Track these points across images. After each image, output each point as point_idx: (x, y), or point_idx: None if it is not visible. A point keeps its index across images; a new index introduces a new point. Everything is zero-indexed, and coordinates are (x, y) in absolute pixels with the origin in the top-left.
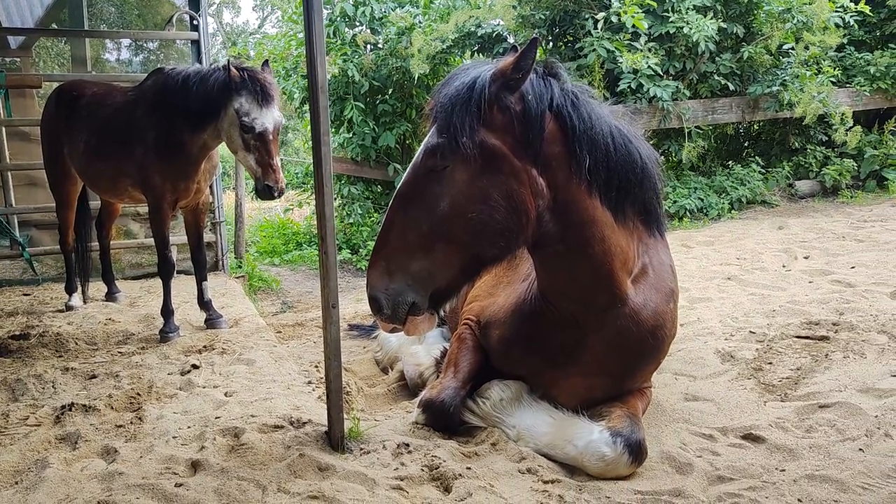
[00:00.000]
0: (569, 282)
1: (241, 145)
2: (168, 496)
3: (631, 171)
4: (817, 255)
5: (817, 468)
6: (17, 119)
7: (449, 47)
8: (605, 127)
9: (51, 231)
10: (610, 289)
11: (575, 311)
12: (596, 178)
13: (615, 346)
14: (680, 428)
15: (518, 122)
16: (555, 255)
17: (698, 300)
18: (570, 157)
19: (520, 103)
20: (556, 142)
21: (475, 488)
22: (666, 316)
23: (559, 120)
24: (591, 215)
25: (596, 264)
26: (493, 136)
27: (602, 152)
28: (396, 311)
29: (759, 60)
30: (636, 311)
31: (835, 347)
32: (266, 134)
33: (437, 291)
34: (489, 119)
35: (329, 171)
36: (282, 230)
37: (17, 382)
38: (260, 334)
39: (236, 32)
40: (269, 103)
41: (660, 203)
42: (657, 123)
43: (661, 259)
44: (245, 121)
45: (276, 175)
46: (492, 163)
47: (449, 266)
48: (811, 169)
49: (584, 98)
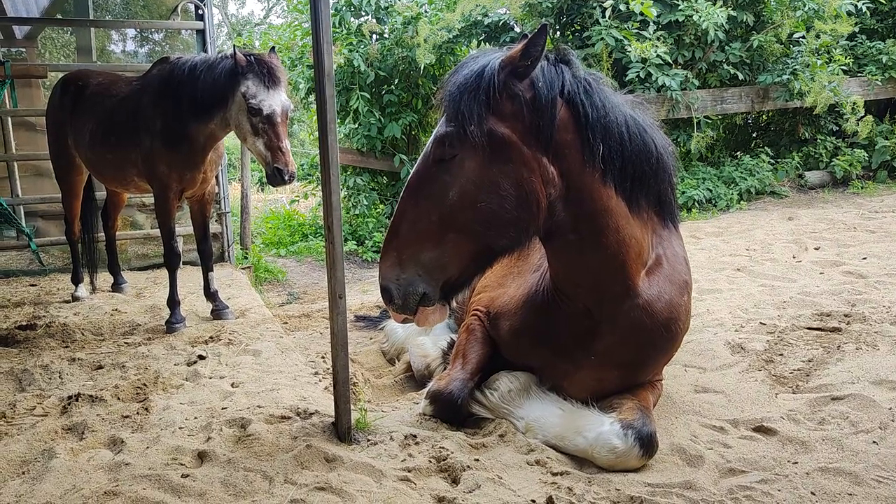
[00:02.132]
0: (582, 273)
1: (250, 130)
2: (174, 487)
3: (646, 161)
4: (828, 246)
5: (830, 461)
6: (23, 109)
7: (455, 37)
8: (620, 115)
9: (57, 221)
10: (624, 280)
11: (588, 302)
12: (610, 167)
13: (628, 339)
14: (690, 420)
15: (528, 109)
16: (568, 245)
17: (708, 291)
18: (582, 144)
19: (530, 90)
20: (568, 129)
21: (483, 480)
22: (680, 309)
23: (571, 107)
24: (604, 205)
25: (610, 255)
26: (503, 125)
27: (616, 141)
28: (407, 302)
29: (770, 49)
30: (650, 302)
31: (847, 339)
32: (274, 116)
33: (448, 282)
34: (498, 107)
35: (336, 160)
36: (287, 221)
37: (24, 373)
38: (266, 325)
39: (241, 23)
40: (277, 86)
41: (674, 194)
42: (666, 113)
43: (675, 251)
44: (252, 103)
45: (285, 157)
46: (501, 151)
47: (460, 257)
48: (821, 159)
49: (597, 85)
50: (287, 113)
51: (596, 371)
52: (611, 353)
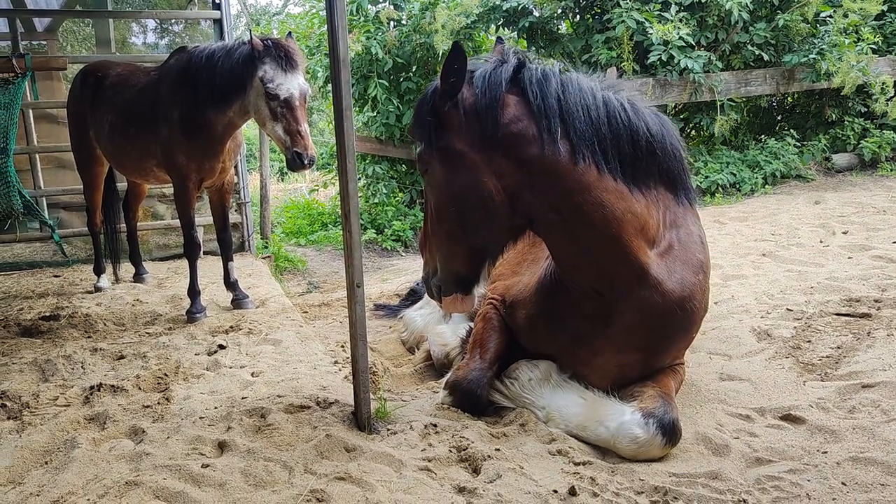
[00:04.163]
0: (578, 253)
1: (269, 115)
2: (195, 477)
3: (633, 138)
4: (856, 230)
5: (861, 450)
6: (44, 101)
7: (474, 22)
8: (589, 98)
9: (79, 213)
10: (625, 258)
11: (594, 284)
12: (581, 146)
13: (641, 319)
14: (715, 408)
15: (471, 117)
16: (552, 226)
17: (732, 277)
18: (539, 130)
19: (471, 98)
20: (521, 119)
21: (504, 470)
22: (695, 287)
23: (524, 98)
24: (579, 182)
25: (600, 231)
26: (452, 137)
27: (584, 121)
28: (430, 291)
29: (795, 29)
30: (660, 281)
31: (878, 325)
32: (292, 100)
33: (459, 276)
34: (445, 122)
35: (352, 147)
36: (307, 211)
37: (47, 363)
38: (286, 314)
39: (260, 13)
40: (294, 69)
41: (685, 171)
42: (688, 97)
43: (690, 229)
44: (270, 87)
45: (304, 141)
46: (456, 161)
47: (456, 255)
48: (849, 141)
49: (554, 73)
50: (305, 97)
51: (615, 356)
52: (626, 336)
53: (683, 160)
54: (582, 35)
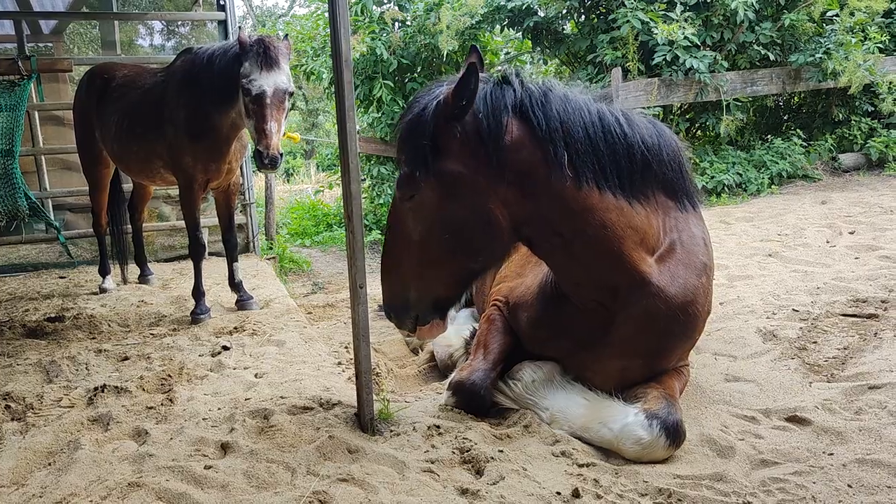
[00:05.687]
0: (577, 271)
1: (244, 111)
2: (197, 479)
3: (628, 154)
4: (863, 230)
5: (868, 452)
6: (50, 103)
7: (478, 22)
8: (586, 115)
9: (85, 214)
10: (626, 270)
11: (595, 297)
12: (584, 168)
13: (644, 327)
14: (720, 410)
15: (474, 141)
16: (554, 249)
17: (738, 278)
18: (544, 156)
19: (473, 122)
20: (525, 145)
21: (508, 471)
22: (697, 291)
23: (526, 122)
24: (583, 204)
25: (602, 249)
26: (452, 161)
27: (584, 142)
28: (404, 324)
29: (802, 28)
30: (662, 288)
31: (884, 326)
32: (263, 97)
33: (438, 300)
34: (444, 146)
35: (355, 148)
36: (312, 212)
37: (52, 364)
38: (290, 315)
39: (266, 15)
40: (272, 66)
41: (685, 177)
42: (694, 97)
43: (692, 232)
44: (244, 83)
45: (267, 140)
46: (454, 186)
47: (440, 281)
48: (856, 141)
49: (552, 94)
50: (281, 95)
51: (617, 361)
52: (629, 342)
53: (683, 165)
54: (587, 35)
